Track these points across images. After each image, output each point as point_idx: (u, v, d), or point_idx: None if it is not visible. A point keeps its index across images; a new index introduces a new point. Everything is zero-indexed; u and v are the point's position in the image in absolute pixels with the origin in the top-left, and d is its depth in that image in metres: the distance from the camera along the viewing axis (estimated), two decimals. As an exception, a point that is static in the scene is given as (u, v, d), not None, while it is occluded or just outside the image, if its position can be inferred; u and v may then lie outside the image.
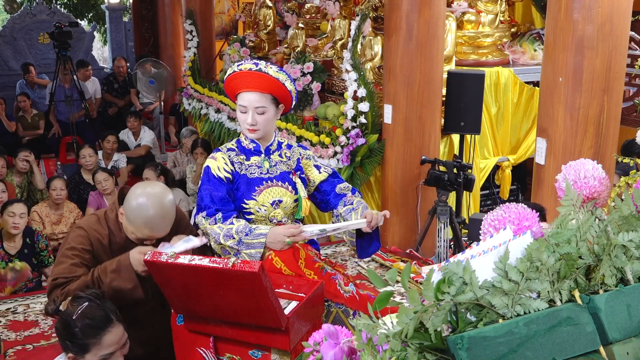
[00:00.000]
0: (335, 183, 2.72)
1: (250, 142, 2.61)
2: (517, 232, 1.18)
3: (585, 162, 1.40)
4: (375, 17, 5.67)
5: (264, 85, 2.48)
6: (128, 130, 7.38)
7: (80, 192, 5.61)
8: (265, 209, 2.54)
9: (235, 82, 2.52)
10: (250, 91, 2.49)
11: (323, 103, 5.63)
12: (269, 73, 2.47)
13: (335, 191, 2.70)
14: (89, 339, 2.03)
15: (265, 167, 2.59)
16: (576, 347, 1.07)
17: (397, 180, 4.80)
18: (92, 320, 2.04)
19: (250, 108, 2.49)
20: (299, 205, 2.61)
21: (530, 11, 6.38)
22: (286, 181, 2.60)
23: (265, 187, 2.55)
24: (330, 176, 2.74)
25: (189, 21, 7.73)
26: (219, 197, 2.49)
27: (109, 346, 2.06)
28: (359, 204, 2.62)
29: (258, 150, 2.61)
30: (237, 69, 2.50)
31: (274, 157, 2.63)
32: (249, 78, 2.48)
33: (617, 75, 3.40)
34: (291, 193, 2.59)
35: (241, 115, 2.53)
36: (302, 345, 1.38)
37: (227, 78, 2.54)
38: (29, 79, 8.95)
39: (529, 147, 5.42)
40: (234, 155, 2.58)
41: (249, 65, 2.48)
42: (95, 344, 2.04)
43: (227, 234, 2.41)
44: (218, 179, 2.51)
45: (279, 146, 2.66)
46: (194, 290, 2.12)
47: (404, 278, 1.12)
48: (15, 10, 13.11)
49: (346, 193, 2.70)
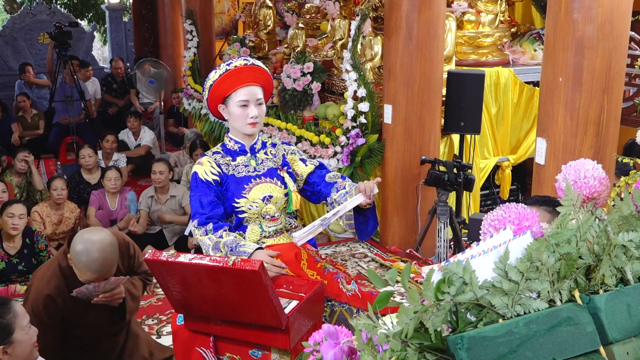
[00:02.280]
0: (323, 173, 2.73)
1: (235, 144, 2.65)
2: (517, 232, 1.18)
3: (585, 162, 1.40)
4: (375, 17, 5.67)
5: (259, 78, 2.59)
6: (128, 130, 7.38)
7: (80, 192, 5.62)
8: (257, 205, 2.56)
9: (228, 81, 2.55)
10: (251, 84, 2.56)
11: (323, 103, 5.63)
12: (260, 66, 2.60)
13: (325, 180, 2.71)
14: (5, 316, 2.14)
15: (252, 165, 2.62)
16: (576, 347, 1.07)
17: (397, 180, 4.80)
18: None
19: (252, 101, 2.56)
20: (289, 199, 2.62)
21: (530, 11, 6.37)
22: (274, 177, 2.63)
23: (255, 185, 2.58)
24: (317, 168, 2.76)
25: (189, 21, 7.73)
26: (208, 201, 2.51)
27: (25, 314, 2.21)
28: (351, 187, 2.62)
29: (243, 150, 2.65)
30: (229, 67, 2.55)
31: (260, 155, 2.66)
32: (244, 73, 2.55)
33: (617, 75, 3.40)
34: (280, 188, 2.61)
35: (241, 111, 2.56)
36: (302, 345, 1.38)
37: (217, 80, 2.55)
38: (25, 78, 8.95)
39: (529, 147, 5.42)
40: (220, 158, 2.62)
41: (241, 62, 2.56)
42: (14, 317, 2.15)
43: (216, 247, 2.43)
44: (206, 182, 2.54)
45: (263, 145, 2.71)
46: (195, 289, 2.12)
47: (404, 278, 1.12)
48: (15, 10, 13.12)
49: (336, 180, 2.69)
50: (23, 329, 2.16)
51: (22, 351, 2.16)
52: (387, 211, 4.93)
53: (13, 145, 7.17)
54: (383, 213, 5.01)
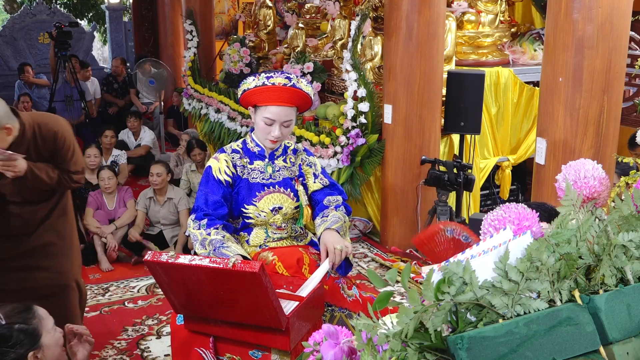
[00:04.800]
0: (326, 194, 2.66)
1: (256, 146, 2.59)
2: (517, 232, 1.18)
3: (585, 162, 1.40)
4: (375, 17, 5.67)
5: (294, 99, 2.47)
6: (128, 130, 7.37)
7: (81, 192, 5.60)
8: (265, 214, 2.52)
9: (262, 95, 2.45)
10: (281, 105, 2.45)
11: (323, 103, 5.63)
12: (301, 88, 2.46)
13: (322, 202, 2.64)
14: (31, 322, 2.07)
15: (268, 172, 2.56)
16: (576, 347, 1.07)
17: (397, 180, 4.80)
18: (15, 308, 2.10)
19: (278, 121, 2.46)
20: (300, 212, 2.59)
21: (530, 11, 6.37)
22: (288, 187, 2.58)
23: (267, 193, 2.53)
24: (326, 187, 2.69)
25: (189, 21, 7.73)
26: (214, 200, 2.47)
27: (48, 316, 2.13)
28: (332, 218, 2.53)
29: (262, 155, 2.59)
30: (267, 82, 2.43)
31: (278, 163, 2.60)
32: (281, 93, 2.43)
33: (617, 75, 3.40)
34: (292, 200, 2.56)
35: (265, 127, 2.48)
36: (302, 346, 1.38)
37: (252, 89, 2.45)
38: (24, 78, 8.94)
39: (529, 147, 5.42)
40: (238, 158, 2.56)
41: (282, 80, 2.42)
42: (39, 321, 2.09)
43: (202, 243, 2.39)
44: (217, 181, 2.50)
45: (284, 151, 2.64)
46: (194, 291, 2.12)
47: (404, 278, 1.12)
48: (15, 10, 13.11)
49: (329, 205, 2.62)
50: (49, 332, 2.11)
51: (52, 355, 2.10)
52: (387, 211, 4.93)
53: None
54: (383, 213, 5.01)
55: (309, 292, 2.24)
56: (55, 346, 2.12)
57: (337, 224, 2.50)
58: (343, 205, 2.64)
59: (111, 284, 4.45)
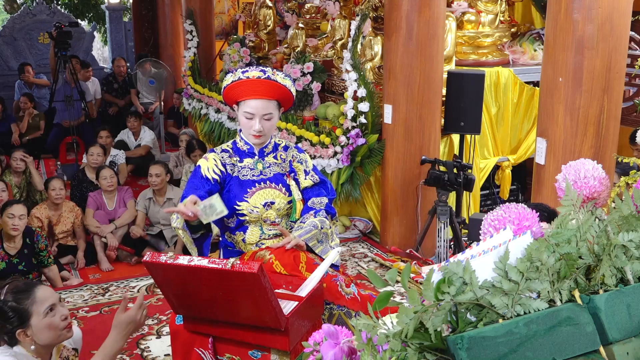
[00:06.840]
0: (313, 194, 2.68)
1: (245, 144, 2.62)
2: (517, 232, 1.18)
3: (585, 162, 1.40)
4: (375, 17, 5.67)
5: (272, 92, 2.49)
6: (128, 130, 7.37)
7: (82, 191, 5.60)
8: (258, 210, 2.55)
9: (240, 89, 2.50)
10: (258, 98, 2.48)
11: (323, 103, 5.63)
12: (277, 81, 2.48)
13: (307, 203, 2.67)
14: (23, 302, 2.17)
15: (258, 169, 2.60)
16: (576, 347, 1.07)
17: (397, 180, 4.80)
18: (17, 287, 2.21)
19: (257, 115, 2.50)
20: (293, 207, 2.60)
21: (530, 11, 6.37)
22: (280, 183, 2.60)
23: (258, 189, 2.56)
24: (316, 185, 2.70)
25: (189, 21, 7.73)
26: (198, 195, 2.48)
27: (45, 300, 2.20)
28: (306, 227, 2.55)
29: (252, 152, 2.62)
30: (242, 76, 2.48)
31: (268, 159, 2.63)
32: (256, 85, 2.46)
33: (617, 75, 3.40)
34: (284, 195, 2.59)
35: (246, 122, 2.53)
36: (301, 346, 1.38)
37: (229, 85, 2.52)
38: (24, 78, 8.94)
39: (529, 147, 5.42)
40: (227, 157, 2.60)
41: (256, 73, 2.47)
42: (32, 304, 2.17)
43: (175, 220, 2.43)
44: (205, 178, 2.54)
45: (274, 148, 2.66)
46: (193, 291, 2.12)
47: (404, 278, 1.12)
48: (15, 10, 13.10)
49: (312, 208, 2.64)
50: (40, 315, 2.19)
51: (43, 335, 2.20)
52: (387, 211, 4.93)
53: (13, 146, 7.17)
54: (383, 213, 5.01)
55: (308, 292, 2.25)
56: (46, 329, 2.20)
57: (309, 234, 2.53)
58: (324, 209, 2.65)
59: (111, 284, 4.45)
